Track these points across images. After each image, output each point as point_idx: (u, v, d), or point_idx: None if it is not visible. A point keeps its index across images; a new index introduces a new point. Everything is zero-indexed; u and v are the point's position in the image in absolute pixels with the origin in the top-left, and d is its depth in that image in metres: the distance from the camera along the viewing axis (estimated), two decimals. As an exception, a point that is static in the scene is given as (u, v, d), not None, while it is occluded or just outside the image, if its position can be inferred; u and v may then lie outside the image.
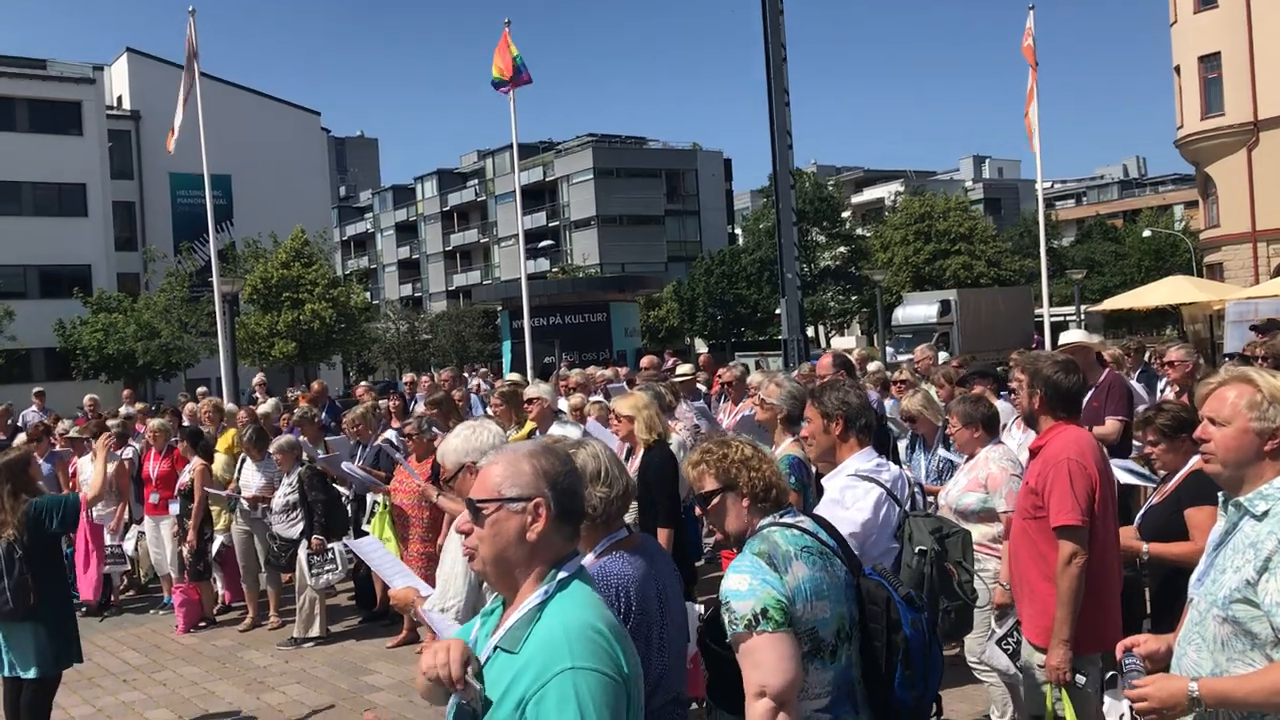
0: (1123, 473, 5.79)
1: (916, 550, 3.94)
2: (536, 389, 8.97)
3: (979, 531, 5.43)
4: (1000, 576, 5.29)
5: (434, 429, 8.81)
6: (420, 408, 10.93)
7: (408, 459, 8.75)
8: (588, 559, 3.08)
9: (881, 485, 4.01)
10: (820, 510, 3.98)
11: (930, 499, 6.52)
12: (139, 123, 49.38)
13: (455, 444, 4.12)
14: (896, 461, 6.58)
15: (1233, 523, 2.91)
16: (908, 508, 4.22)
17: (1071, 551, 4.17)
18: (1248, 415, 2.86)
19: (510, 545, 2.30)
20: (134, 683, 8.31)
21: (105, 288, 43.70)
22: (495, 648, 2.28)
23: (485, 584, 3.75)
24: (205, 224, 20.72)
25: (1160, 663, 3.03)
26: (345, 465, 8.97)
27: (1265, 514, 2.80)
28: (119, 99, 50.89)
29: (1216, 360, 17.94)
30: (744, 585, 3.07)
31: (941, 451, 6.74)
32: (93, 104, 46.87)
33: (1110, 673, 4.81)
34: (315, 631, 9.12)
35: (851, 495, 3.98)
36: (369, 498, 9.32)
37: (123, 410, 14.57)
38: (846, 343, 61.64)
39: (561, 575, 2.31)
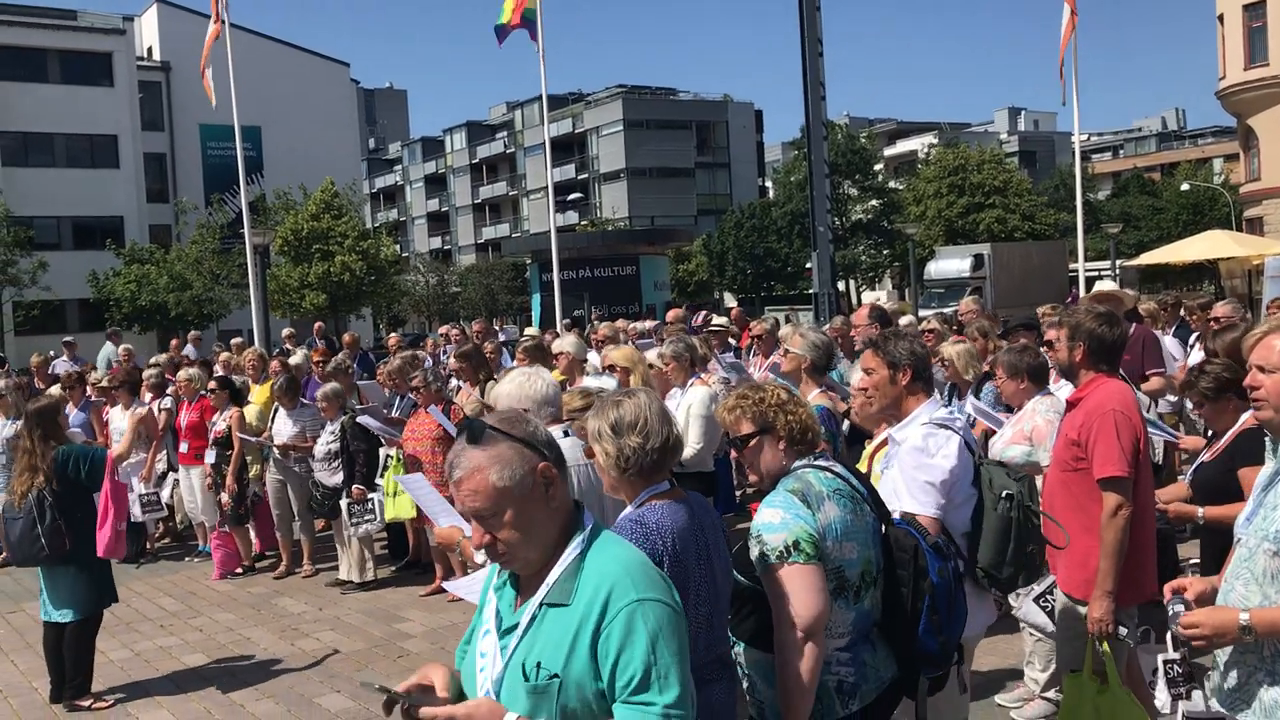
0: (1154, 431, 5.73)
1: (1002, 495, 3.88)
2: (563, 342, 8.97)
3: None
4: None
5: (445, 380, 8.85)
6: (451, 361, 10.95)
7: (415, 410, 8.80)
8: (627, 510, 3.09)
9: (958, 433, 3.97)
10: (903, 459, 3.95)
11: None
12: (169, 74, 49.41)
13: (508, 389, 4.12)
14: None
15: None
16: (977, 456, 4.17)
17: (1118, 503, 4.15)
18: None
19: (541, 523, 2.29)
20: (170, 628, 8.43)
21: (137, 239, 43.95)
22: (542, 605, 2.27)
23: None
24: (236, 176, 20.77)
25: (1207, 604, 3.05)
26: (362, 418, 9.02)
27: None
28: (149, 50, 50.92)
29: (1259, 315, 17.68)
30: (777, 518, 3.14)
31: (971, 403, 6.67)
32: (123, 55, 46.90)
33: (1144, 627, 4.79)
34: (369, 576, 9.24)
35: (935, 443, 3.91)
36: (382, 451, 9.36)
37: (159, 358, 14.67)
38: (878, 297, 61.29)
39: (589, 524, 2.34)
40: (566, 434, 4.08)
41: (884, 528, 3.41)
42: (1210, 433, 5.04)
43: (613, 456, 3.05)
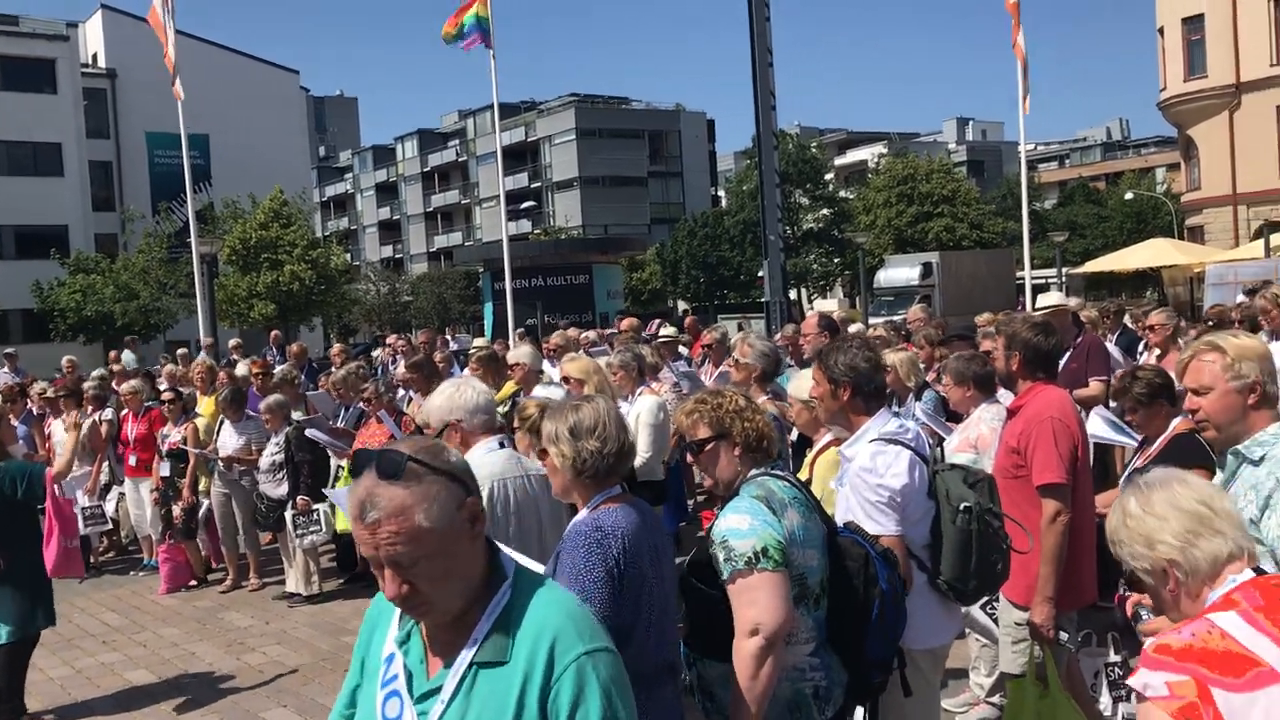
0: (1105, 425, 5.81)
1: (960, 508, 3.83)
2: (518, 353, 8.96)
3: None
4: None
5: (396, 391, 8.81)
6: (400, 370, 10.89)
7: (365, 420, 8.74)
8: (581, 514, 3.10)
9: (908, 446, 3.92)
10: (853, 483, 3.92)
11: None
12: (115, 81, 48.81)
13: (439, 402, 4.11)
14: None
15: (1232, 470, 3.11)
16: (931, 465, 4.15)
17: (1056, 509, 4.21)
18: (1225, 378, 3.08)
19: (466, 566, 2.01)
20: (113, 644, 8.30)
21: (83, 248, 43.31)
22: (473, 665, 2.00)
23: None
24: (183, 184, 20.54)
25: None
26: (310, 431, 8.94)
27: (1262, 459, 3.02)
28: (94, 57, 50.25)
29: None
30: (745, 524, 3.13)
31: (917, 410, 6.73)
32: (67, 62, 46.25)
33: (1085, 631, 4.86)
34: (315, 588, 9.14)
35: (884, 461, 3.86)
36: (333, 462, 9.28)
37: (97, 371, 14.44)
38: (828, 305, 61.71)
39: (512, 568, 2.09)
40: (502, 445, 4.07)
41: (829, 536, 3.43)
42: (1143, 438, 5.14)
43: (569, 459, 3.06)
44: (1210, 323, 10.21)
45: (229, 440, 9.50)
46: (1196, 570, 2.25)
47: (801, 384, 5.01)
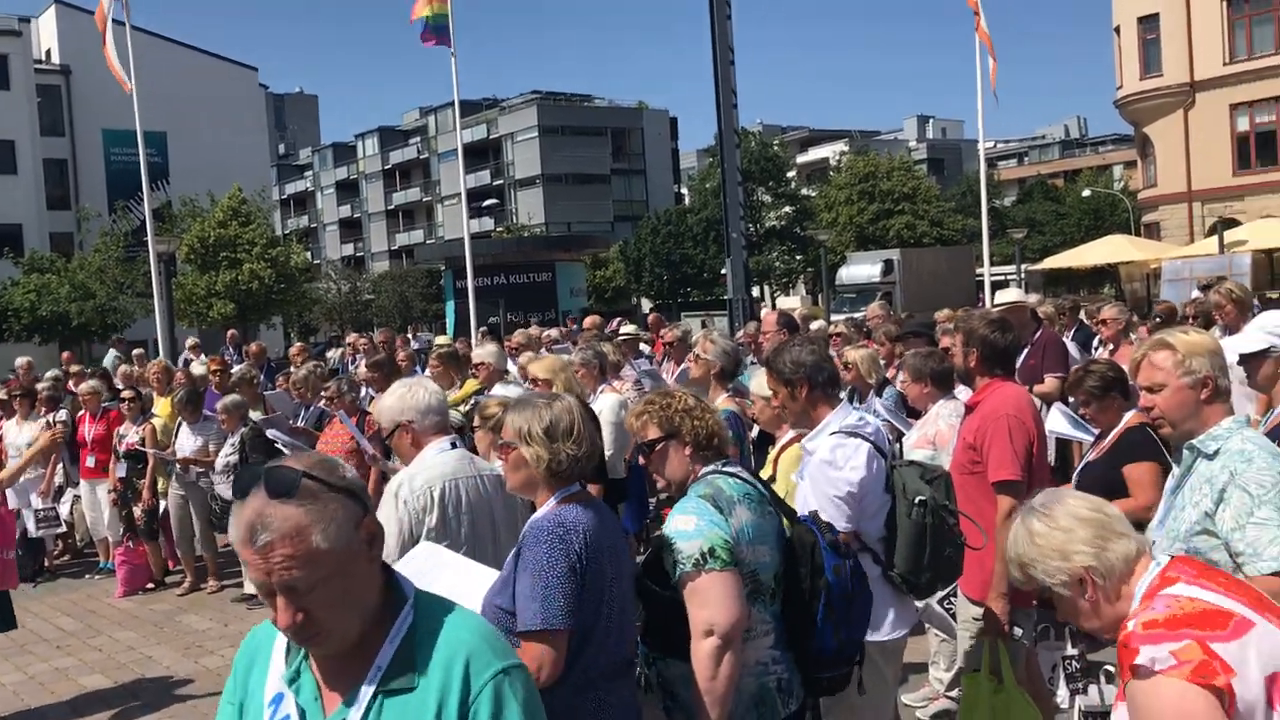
0: (1064, 421, 5.85)
1: (916, 501, 3.88)
2: (484, 351, 8.93)
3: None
4: None
5: (358, 390, 8.76)
6: (361, 369, 10.82)
7: (330, 420, 8.68)
8: (539, 511, 3.09)
9: (868, 439, 3.96)
10: (812, 475, 3.95)
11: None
12: (69, 77, 48.11)
13: (390, 402, 4.09)
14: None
15: (1188, 465, 3.15)
16: (890, 459, 4.17)
17: (1011, 506, 4.22)
18: (1177, 375, 3.12)
19: (364, 590, 1.89)
20: (68, 649, 8.18)
21: (37, 247, 42.63)
22: (378, 695, 1.88)
23: (422, 539, 3.74)
24: (140, 182, 20.26)
25: None
26: (270, 432, 8.85)
27: (1216, 452, 3.06)
28: (47, 53, 49.51)
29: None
30: (690, 525, 3.13)
31: (878, 406, 6.77)
32: (19, 58, 45.56)
33: (1042, 624, 4.90)
34: (268, 592, 9.03)
35: (843, 454, 3.90)
36: None
37: (51, 372, 14.23)
38: (791, 302, 61.96)
39: (412, 591, 1.97)
40: (454, 445, 4.05)
41: (786, 527, 3.43)
42: (1098, 431, 5.19)
43: (546, 460, 3.04)
44: (1159, 319, 10.35)
45: (186, 441, 9.40)
46: (1112, 572, 2.35)
47: (764, 380, 5.02)
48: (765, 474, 4.79)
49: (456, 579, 3.38)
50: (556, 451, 3.04)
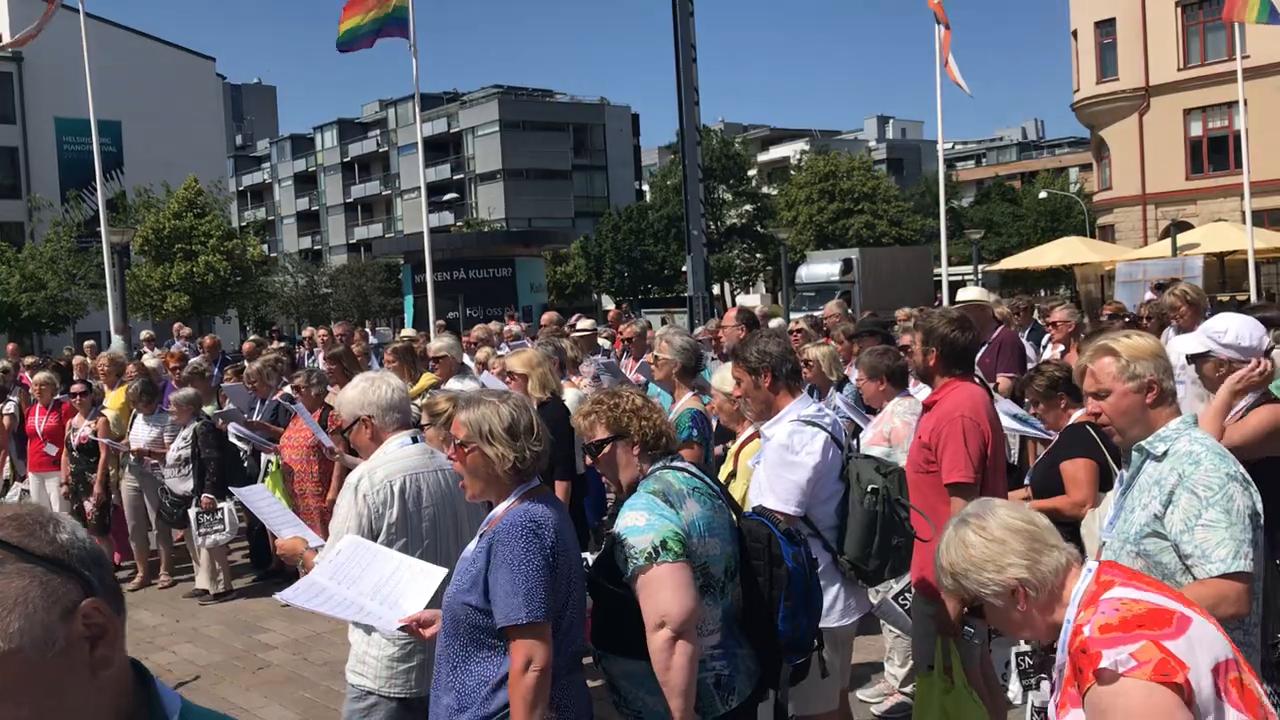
0: (1007, 418, 5.91)
1: (868, 489, 3.96)
2: (441, 344, 8.88)
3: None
4: None
5: (325, 383, 8.68)
6: (320, 362, 10.74)
7: (295, 418, 8.60)
8: (500, 509, 3.09)
9: (825, 429, 4.03)
10: (769, 456, 4.02)
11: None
12: (21, 65, 47.28)
13: (352, 395, 4.06)
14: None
15: (1137, 466, 3.16)
16: (846, 451, 4.23)
17: (962, 508, 4.23)
18: (1121, 380, 3.13)
19: (76, 709, 1.26)
20: (16, 645, 8.04)
21: (-13, 236, 41.92)
22: None
23: (382, 534, 3.73)
24: (93, 171, 19.96)
25: None
26: (232, 426, 8.75)
27: (1165, 454, 3.07)
28: (-1, 38, 48.64)
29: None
30: (641, 521, 3.14)
31: (838, 402, 6.80)
32: (-30, 44, 44.70)
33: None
34: (222, 587, 8.94)
35: (799, 440, 3.98)
36: (262, 456, 9.12)
37: (1, 363, 13.99)
38: (751, 300, 62.19)
39: (177, 706, 1.41)
40: (415, 440, 4.03)
41: (736, 520, 3.45)
42: (1047, 429, 5.28)
43: (510, 460, 3.02)
44: (1105, 318, 10.48)
45: (141, 433, 9.26)
46: (1044, 584, 2.39)
47: (725, 376, 5.04)
48: (726, 470, 4.81)
49: (392, 573, 3.36)
50: (521, 450, 3.03)
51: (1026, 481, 5.12)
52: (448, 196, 70.95)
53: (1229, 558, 2.86)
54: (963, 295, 9.29)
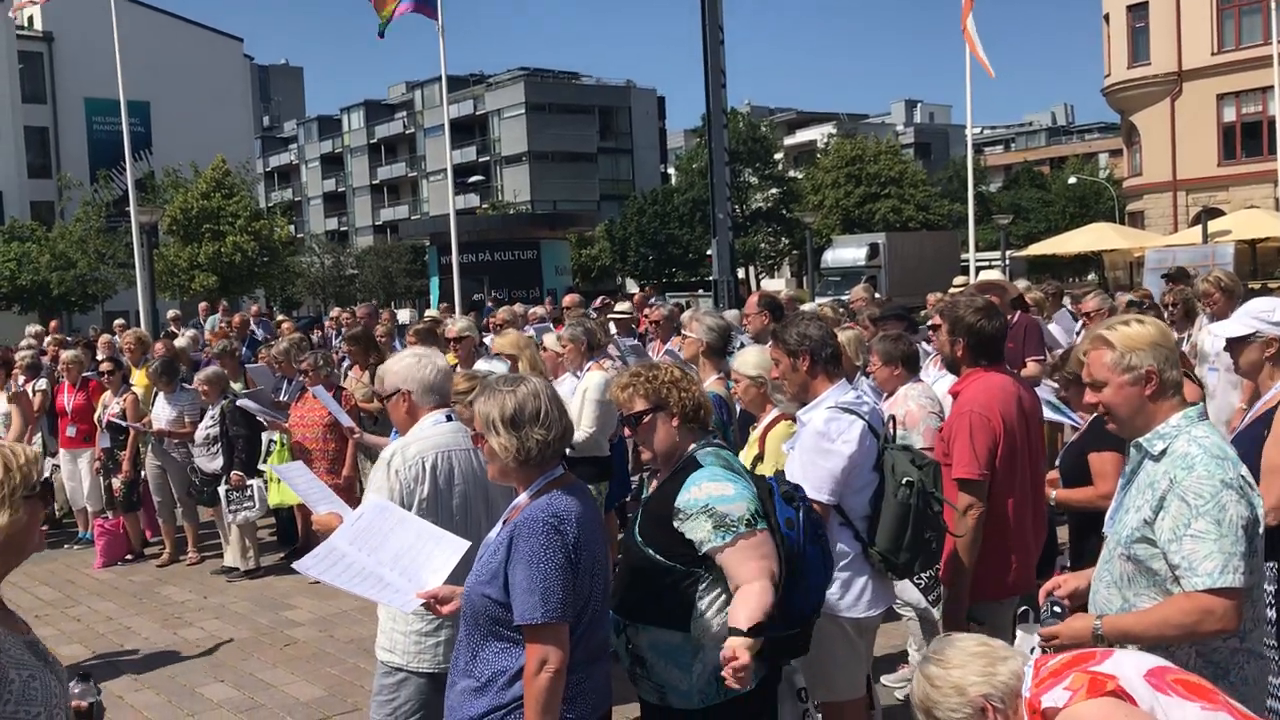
0: (1044, 406, 5.85)
1: (903, 481, 3.90)
2: (462, 325, 8.89)
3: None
4: None
5: (334, 364, 8.73)
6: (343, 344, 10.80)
7: (303, 395, 8.65)
8: (522, 498, 3.07)
9: (862, 417, 3.98)
10: (803, 443, 3.99)
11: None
12: (52, 45, 47.61)
13: (397, 368, 4.08)
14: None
15: (1136, 463, 3.06)
16: (883, 440, 4.18)
17: (968, 503, 4.17)
18: (1117, 372, 3.01)
19: None
20: (47, 618, 8.13)
21: (17, 216, 42.33)
22: None
23: (413, 510, 3.73)
24: (122, 152, 20.09)
25: (1082, 599, 3.18)
26: (241, 401, 8.81)
27: (1162, 453, 2.95)
28: (29, 19, 48.89)
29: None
30: (730, 490, 3.21)
31: (864, 387, 6.76)
32: (0, 24, 45.00)
33: (1023, 607, 4.91)
34: (251, 564, 9.03)
35: (836, 428, 3.93)
36: (264, 435, 9.17)
37: (32, 340, 14.12)
38: (776, 285, 61.99)
39: None
40: (449, 418, 4.04)
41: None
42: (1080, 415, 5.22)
43: (512, 450, 3.00)
44: (1143, 305, 10.35)
45: (162, 412, 9.34)
46: (1008, 691, 2.50)
47: (747, 359, 5.01)
48: (751, 453, 4.79)
49: (414, 542, 3.35)
50: (524, 439, 2.99)
51: (1056, 464, 5.07)
52: (473, 179, 71.00)
53: (1215, 571, 2.75)
54: (981, 277, 9.22)
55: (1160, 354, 3.00)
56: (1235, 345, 4.35)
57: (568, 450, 3.24)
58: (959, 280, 14.65)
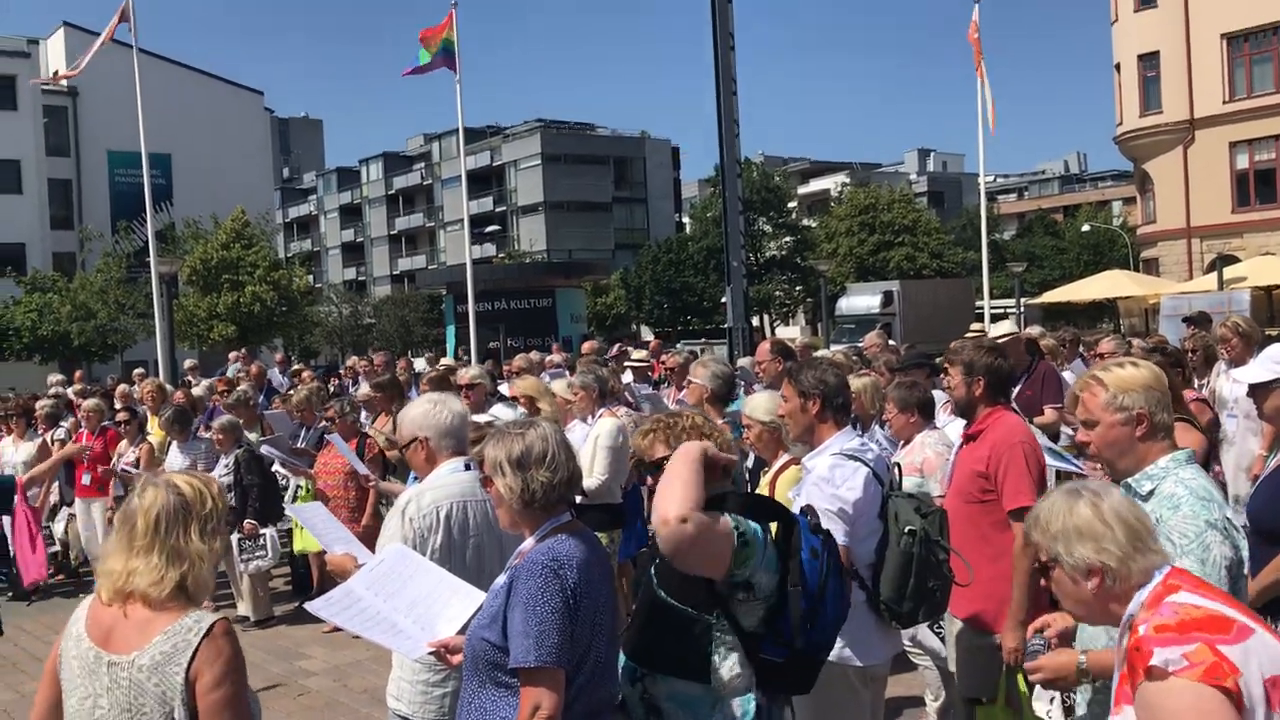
0: (1051, 458, 5.86)
1: (905, 530, 3.92)
2: (473, 371, 8.95)
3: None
4: None
5: (359, 412, 8.79)
6: (365, 389, 10.85)
7: (326, 444, 8.71)
8: (527, 543, 3.06)
9: (867, 464, 3.99)
10: (808, 489, 3.99)
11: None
12: (76, 99, 48.36)
13: (413, 415, 4.09)
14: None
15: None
16: (887, 488, 4.19)
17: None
18: (1108, 411, 3.09)
19: None
20: (61, 667, 8.14)
21: (40, 267, 42.76)
22: None
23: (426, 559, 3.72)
24: (144, 203, 20.36)
25: (1071, 638, 3.18)
26: (264, 449, 8.86)
27: (1150, 494, 3.00)
28: (55, 73, 49.78)
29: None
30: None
31: (880, 436, 6.77)
32: (28, 78, 45.80)
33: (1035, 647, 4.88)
34: (265, 613, 9.03)
35: (841, 474, 3.95)
36: (291, 481, 9.22)
37: (54, 390, 14.25)
38: (791, 332, 62.04)
39: None
40: (468, 467, 4.04)
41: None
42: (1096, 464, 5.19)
43: (517, 491, 3.00)
44: (1165, 351, 10.30)
45: (176, 460, 9.40)
46: (1125, 579, 2.41)
47: (758, 404, 5.03)
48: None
49: (431, 590, 3.33)
50: (529, 480, 2.99)
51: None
52: (490, 228, 71.57)
53: None
54: (997, 329, 9.27)
55: (1152, 397, 3.08)
56: (1258, 391, 4.34)
57: (578, 498, 3.23)
58: (976, 327, 14.66)
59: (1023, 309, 35.72)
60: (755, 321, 53.42)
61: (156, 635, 2.67)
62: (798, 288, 62.10)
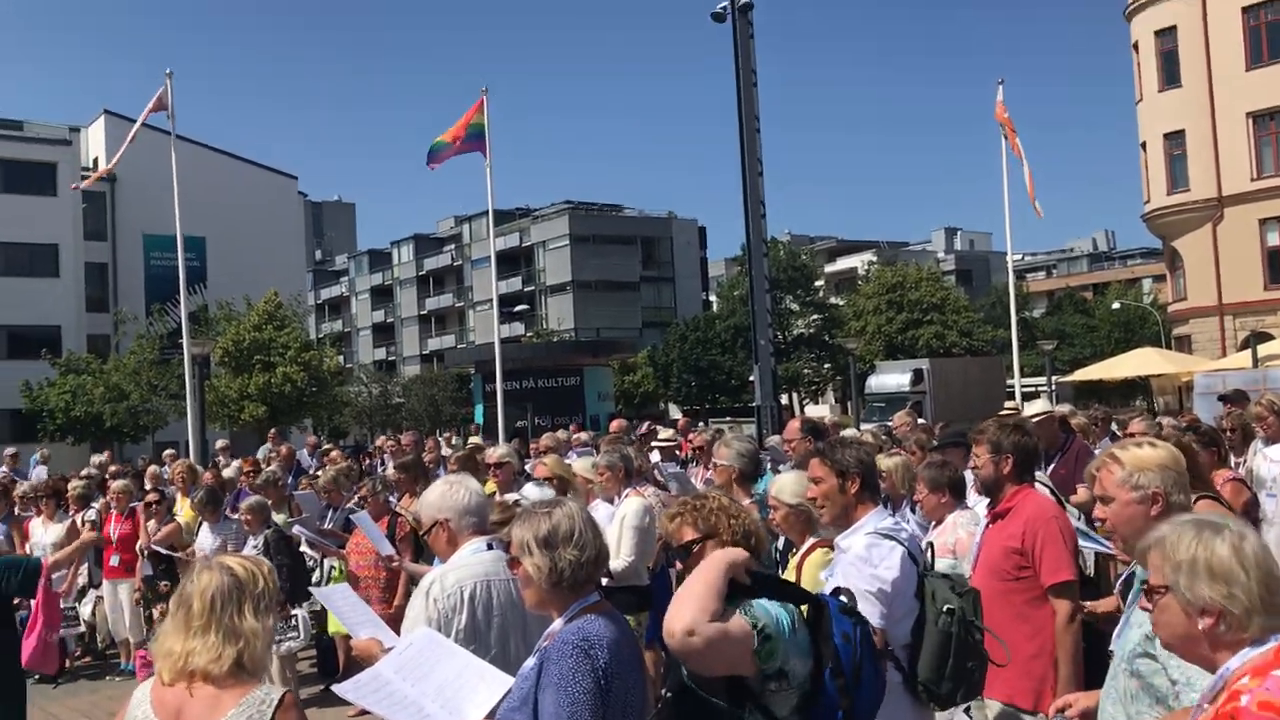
0: (1083, 540, 5.78)
1: (944, 609, 3.85)
2: (500, 450, 8.94)
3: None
4: None
5: (390, 490, 8.77)
6: (390, 471, 10.87)
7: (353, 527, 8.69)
8: (556, 624, 3.04)
9: (902, 543, 3.94)
10: (844, 568, 3.92)
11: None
12: (114, 184, 49.40)
13: (431, 499, 4.09)
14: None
15: (1142, 580, 3.00)
16: (922, 568, 4.14)
17: (1071, 608, 4.25)
18: (1124, 489, 3.12)
19: None
20: (85, 751, 8.08)
21: (75, 349, 43.36)
22: None
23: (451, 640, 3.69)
24: (178, 285, 20.66)
25: (1092, 718, 3.14)
26: (296, 529, 8.86)
27: None
28: (95, 160, 50.97)
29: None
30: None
31: (910, 516, 6.70)
32: (68, 165, 46.95)
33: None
34: (286, 696, 8.94)
35: (878, 553, 3.88)
36: (325, 561, 9.20)
37: (85, 471, 14.35)
38: (820, 410, 61.80)
39: None
40: (490, 546, 4.02)
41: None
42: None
43: (545, 570, 2.98)
44: (1198, 430, 10.18)
45: (206, 540, 9.40)
46: (1242, 630, 2.26)
47: (785, 486, 4.98)
48: (789, 576, 4.73)
49: (459, 674, 3.30)
50: (557, 559, 2.98)
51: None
52: (519, 308, 72.13)
53: None
54: (1031, 408, 9.22)
55: (1169, 477, 3.09)
56: None
57: (605, 580, 3.21)
58: (1009, 405, 14.56)
59: (1054, 387, 35.47)
60: (784, 399, 53.36)
61: (230, 709, 2.79)
62: (826, 365, 62.06)
